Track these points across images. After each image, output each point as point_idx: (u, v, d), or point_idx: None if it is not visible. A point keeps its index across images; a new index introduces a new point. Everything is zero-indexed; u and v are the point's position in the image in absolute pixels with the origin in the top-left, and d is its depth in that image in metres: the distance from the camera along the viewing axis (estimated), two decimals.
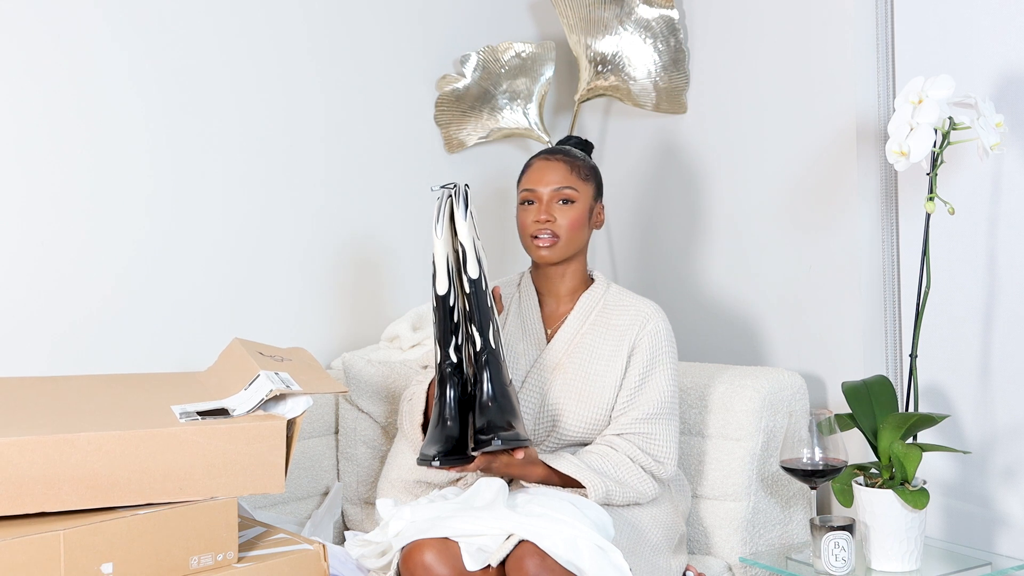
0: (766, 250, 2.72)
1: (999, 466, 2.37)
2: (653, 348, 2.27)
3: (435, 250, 2.09)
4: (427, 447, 2.07)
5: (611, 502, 2.16)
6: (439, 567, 1.97)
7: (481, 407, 2.07)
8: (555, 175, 2.30)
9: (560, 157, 2.33)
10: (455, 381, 2.10)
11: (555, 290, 2.37)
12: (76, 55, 2.43)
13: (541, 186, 2.30)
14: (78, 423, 1.82)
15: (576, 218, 2.29)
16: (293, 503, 2.50)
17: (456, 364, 2.11)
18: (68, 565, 1.71)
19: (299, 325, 2.72)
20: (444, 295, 2.10)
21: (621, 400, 2.26)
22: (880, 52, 2.52)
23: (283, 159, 2.71)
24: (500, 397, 2.07)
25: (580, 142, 2.44)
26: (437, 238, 2.08)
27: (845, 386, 2.31)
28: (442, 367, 2.11)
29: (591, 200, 2.33)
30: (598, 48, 2.90)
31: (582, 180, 2.31)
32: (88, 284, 2.45)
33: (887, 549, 2.18)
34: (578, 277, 2.36)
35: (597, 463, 2.18)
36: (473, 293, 2.09)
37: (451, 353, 2.11)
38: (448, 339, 2.11)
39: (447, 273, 2.09)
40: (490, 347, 2.09)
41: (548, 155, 2.34)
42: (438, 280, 2.10)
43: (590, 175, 2.34)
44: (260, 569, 1.85)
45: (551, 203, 2.29)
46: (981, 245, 2.38)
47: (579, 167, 2.32)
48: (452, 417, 2.07)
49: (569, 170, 2.30)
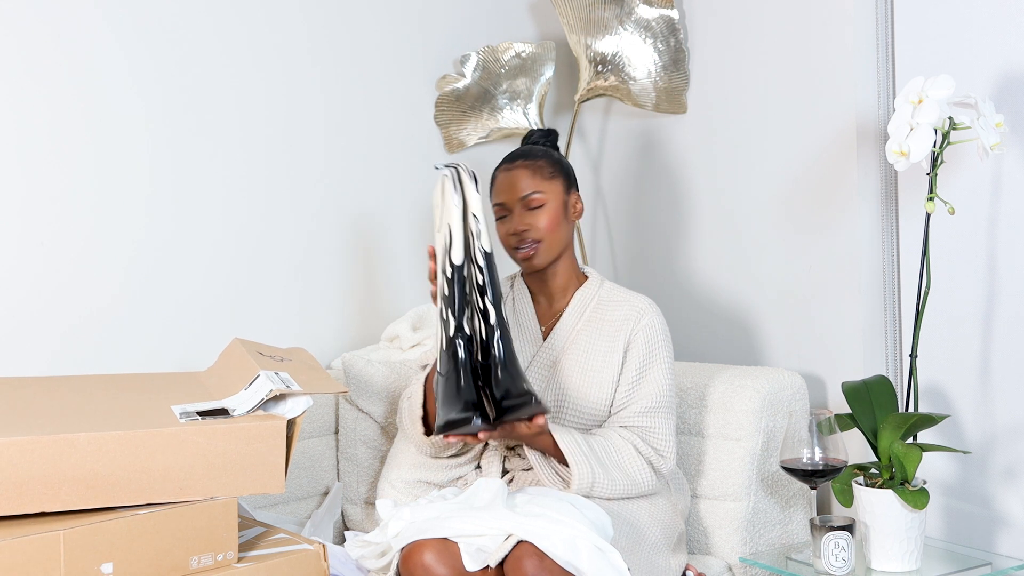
0: (766, 250, 2.72)
1: (999, 466, 2.37)
2: (649, 342, 2.28)
3: (451, 221, 2.04)
4: (447, 413, 2.03)
5: (594, 494, 2.15)
6: (438, 567, 1.97)
7: (496, 378, 2.04)
8: (519, 183, 2.29)
9: (519, 163, 2.32)
10: (470, 350, 2.06)
11: (547, 289, 2.37)
12: (77, 55, 2.43)
13: (508, 198, 2.30)
14: (78, 423, 1.82)
15: (551, 219, 2.29)
16: (293, 503, 2.50)
17: (469, 335, 2.07)
18: (68, 565, 1.71)
19: (299, 325, 2.73)
20: (461, 265, 2.05)
21: (620, 395, 2.26)
22: (880, 52, 2.52)
23: (283, 159, 2.71)
24: (512, 366, 2.06)
25: (542, 134, 2.42)
26: (455, 207, 2.04)
27: (845, 386, 2.31)
28: (455, 337, 2.06)
29: (562, 195, 2.32)
30: (598, 48, 2.90)
31: (547, 180, 2.30)
32: (88, 284, 2.45)
33: (887, 549, 2.18)
34: (568, 273, 2.37)
35: (599, 449, 2.18)
36: (487, 265, 2.08)
37: (464, 324, 2.07)
38: (463, 309, 2.06)
39: (463, 244, 2.06)
40: (502, 320, 2.08)
41: (508, 165, 2.34)
42: (454, 250, 2.05)
43: (555, 171, 2.33)
44: (260, 569, 1.85)
45: (522, 213, 2.29)
46: (981, 245, 2.38)
47: (541, 167, 2.31)
48: (468, 383, 2.04)
49: (531, 174, 2.30)
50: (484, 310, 2.07)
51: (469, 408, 2.04)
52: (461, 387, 2.04)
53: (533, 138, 2.43)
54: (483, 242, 2.07)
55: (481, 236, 2.07)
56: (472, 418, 2.03)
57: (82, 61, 2.44)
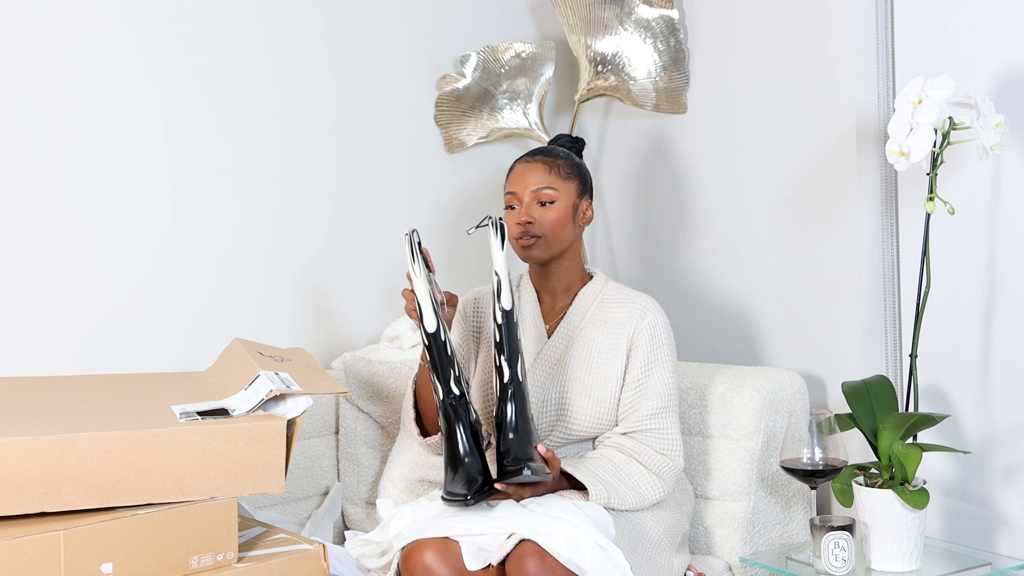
0: (766, 250, 2.72)
1: (999, 466, 2.37)
2: (652, 341, 2.28)
3: (417, 290, 2.07)
4: (454, 486, 2.03)
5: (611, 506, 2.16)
6: (439, 567, 1.97)
7: (504, 438, 2.05)
8: (534, 177, 2.30)
9: (540, 158, 2.33)
10: (461, 415, 2.07)
11: (550, 287, 2.37)
12: (98, 59, 2.44)
13: (520, 189, 2.30)
14: (78, 423, 1.82)
15: (557, 218, 2.29)
16: (293, 503, 2.50)
17: (459, 396, 2.08)
18: (68, 565, 1.71)
19: (299, 325, 2.73)
20: (435, 332, 2.08)
21: (625, 396, 2.26)
22: (880, 52, 2.52)
23: (283, 160, 2.71)
24: (522, 430, 2.06)
25: (570, 140, 2.44)
26: (416, 277, 2.07)
27: (845, 386, 2.31)
28: (445, 403, 2.07)
29: (574, 198, 2.32)
30: (598, 48, 2.90)
31: (562, 179, 2.30)
32: (93, 289, 2.46)
33: (887, 549, 2.18)
34: (572, 273, 2.37)
35: (603, 471, 2.18)
36: (505, 324, 2.08)
37: (452, 387, 2.08)
38: (447, 373, 2.07)
39: (432, 310, 2.07)
40: (517, 380, 2.08)
41: (528, 157, 2.35)
42: (426, 319, 2.07)
43: (572, 173, 2.33)
44: (260, 569, 1.85)
45: (531, 205, 2.29)
46: (981, 245, 2.38)
47: (559, 166, 2.31)
48: (469, 452, 2.04)
49: (548, 170, 2.30)
50: (499, 368, 2.07)
51: (474, 482, 2.03)
52: (464, 461, 2.04)
53: (560, 141, 2.44)
54: (503, 300, 2.08)
55: (502, 294, 2.08)
56: (473, 492, 2.02)
57: (103, 65, 2.45)
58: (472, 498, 2.01)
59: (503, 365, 2.07)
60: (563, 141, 2.44)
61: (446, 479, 2.04)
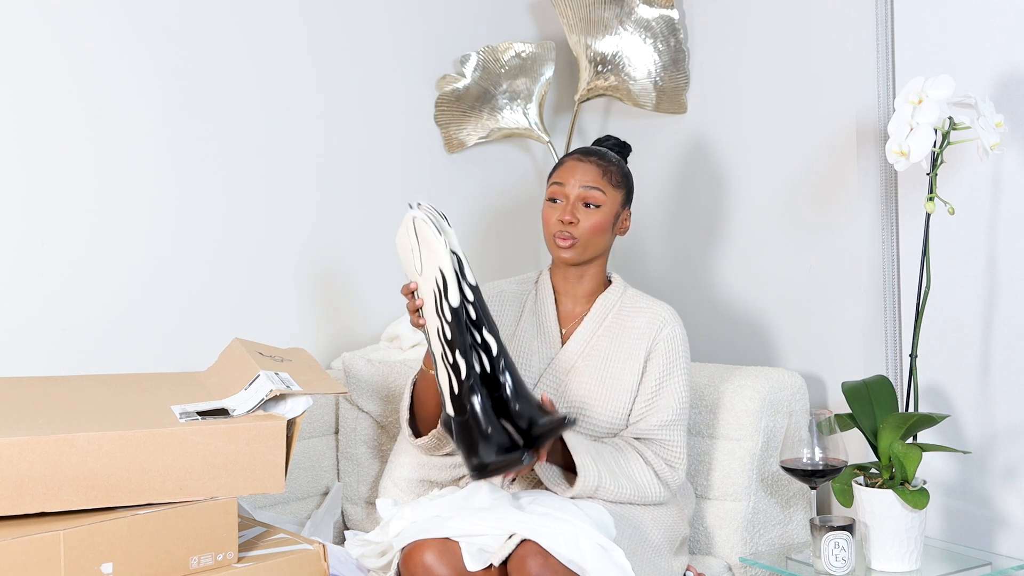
0: (766, 250, 2.72)
1: (999, 466, 2.37)
2: (670, 354, 2.27)
3: (441, 264, 2.01)
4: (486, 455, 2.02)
5: (598, 496, 2.15)
6: (439, 567, 1.97)
7: (515, 411, 2.04)
8: (585, 175, 2.26)
9: (595, 159, 2.29)
10: (484, 392, 2.05)
11: (572, 291, 2.35)
12: (78, 56, 2.43)
13: (569, 184, 2.26)
14: (78, 423, 1.82)
15: (599, 223, 2.26)
16: (293, 503, 2.50)
17: (480, 372, 2.06)
18: (68, 565, 1.71)
19: (299, 325, 2.73)
20: (458, 307, 2.03)
21: (639, 406, 2.25)
22: (880, 52, 2.52)
23: (283, 159, 2.71)
24: (524, 395, 2.06)
25: (618, 143, 2.39)
26: (442, 249, 2.00)
27: (845, 386, 2.31)
28: (469, 379, 2.03)
29: (618, 207, 2.30)
30: (598, 48, 2.90)
31: (612, 185, 2.27)
32: (88, 285, 2.45)
33: (887, 549, 2.18)
34: (596, 279, 2.35)
35: (608, 456, 2.17)
36: (477, 299, 2.07)
37: (475, 364, 2.05)
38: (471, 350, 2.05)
39: (457, 283, 2.03)
40: (503, 349, 2.08)
41: (583, 155, 2.30)
42: (450, 293, 2.02)
43: (621, 182, 2.30)
44: (260, 569, 1.86)
45: (576, 204, 2.26)
46: (981, 245, 2.38)
47: (612, 172, 2.28)
48: (495, 426, 2.03)
49: (601, 173, 2.27)
50: (484, 343, 2.06)
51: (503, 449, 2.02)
52: (490, 433, 2.03)
53: (608, 143, 2.38)
54: (469, 277, 2.06)
55: (466, 271, 2.05)
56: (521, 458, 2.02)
57: (83, 62, 2.44)
58: (523, 453, 2.01)
59: (488, 339, 2.06)
60: (610, 144, 2.38)
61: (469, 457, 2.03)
